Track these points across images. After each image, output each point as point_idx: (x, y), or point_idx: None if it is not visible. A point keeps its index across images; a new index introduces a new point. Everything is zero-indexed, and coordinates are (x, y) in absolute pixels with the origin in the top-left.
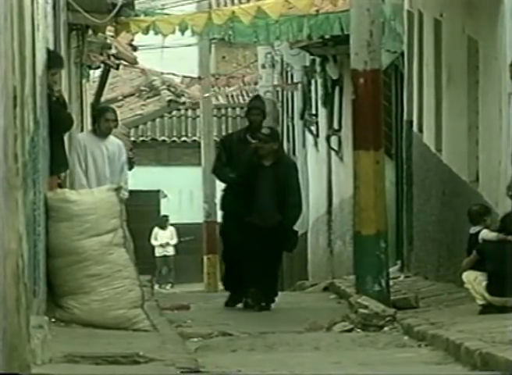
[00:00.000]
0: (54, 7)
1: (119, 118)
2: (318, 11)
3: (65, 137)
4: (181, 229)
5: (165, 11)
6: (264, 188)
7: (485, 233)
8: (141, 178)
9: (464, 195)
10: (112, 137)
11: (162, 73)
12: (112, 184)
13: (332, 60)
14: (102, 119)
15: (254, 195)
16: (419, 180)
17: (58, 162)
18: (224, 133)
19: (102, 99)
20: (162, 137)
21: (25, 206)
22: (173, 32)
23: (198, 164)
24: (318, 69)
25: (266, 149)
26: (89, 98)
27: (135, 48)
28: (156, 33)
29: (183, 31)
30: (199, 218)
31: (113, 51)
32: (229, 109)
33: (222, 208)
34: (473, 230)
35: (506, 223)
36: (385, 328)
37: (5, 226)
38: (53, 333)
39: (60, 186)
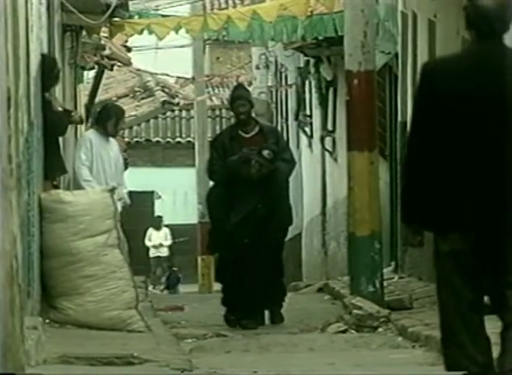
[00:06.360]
0: (48, 8)
1: None
2: (312, 12)
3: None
4: (175, 230)
5: (159, 12)
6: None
7: None
8: (135, 179)
9: None
10: (112, 138)
11: (156, 74)
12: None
13: (327, 61)
14: (120, 122)
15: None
16: None
17: (53, 167)
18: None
19: (96, 100)
20: (156, 138)
21: (19, 207)
22: (168, 33)
23: (192, 165)
24: (312, 70)
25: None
26: (83, 99)
27: (129, 49)
28: (150, 33)
29: (177, 31)
30: (193, 219)
31: (107, 52)
32: (223, 110)
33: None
34: None
35: None
36: (380, 329)
37: None
38: (47, 334)
39: (55, 187)
